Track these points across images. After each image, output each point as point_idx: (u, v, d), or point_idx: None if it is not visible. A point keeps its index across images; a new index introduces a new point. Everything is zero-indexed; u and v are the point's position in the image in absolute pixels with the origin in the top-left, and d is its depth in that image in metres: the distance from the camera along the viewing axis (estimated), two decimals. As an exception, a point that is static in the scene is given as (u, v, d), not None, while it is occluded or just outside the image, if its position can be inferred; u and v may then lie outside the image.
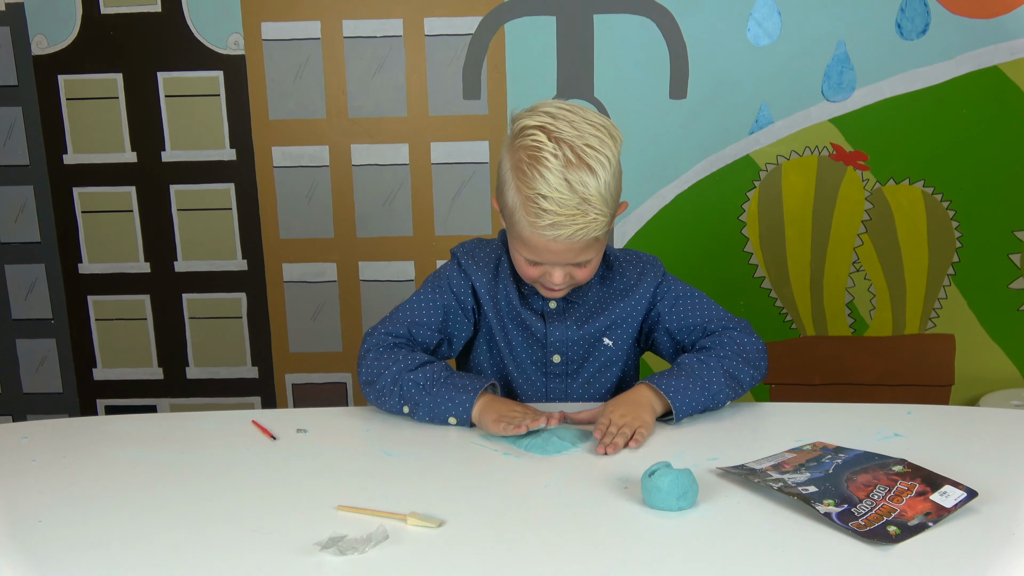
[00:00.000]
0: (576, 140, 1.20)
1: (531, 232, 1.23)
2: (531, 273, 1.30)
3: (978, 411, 1.34)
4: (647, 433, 1.21)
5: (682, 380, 1.27)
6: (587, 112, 1.24)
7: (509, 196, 1.25)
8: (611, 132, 1.24)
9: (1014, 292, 2.25)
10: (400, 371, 1.29)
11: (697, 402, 1.27)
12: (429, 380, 1.28)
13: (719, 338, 1.36)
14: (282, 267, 2.37)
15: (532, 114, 1.25)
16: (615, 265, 1.42)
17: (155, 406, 2.47)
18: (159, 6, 2.21)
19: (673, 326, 1.40)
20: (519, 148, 1.23)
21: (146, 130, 2.30)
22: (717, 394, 1.28)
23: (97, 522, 1.02)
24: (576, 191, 1.19)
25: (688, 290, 1.42)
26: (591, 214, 1.20)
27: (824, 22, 2.14)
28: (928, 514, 0.97)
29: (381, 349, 1.33)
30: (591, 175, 1.19)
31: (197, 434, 1.29)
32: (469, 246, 1.43)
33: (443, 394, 1.26)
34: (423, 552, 0.94)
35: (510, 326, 1.40)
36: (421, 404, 1.27)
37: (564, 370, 1.42)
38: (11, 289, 2.41)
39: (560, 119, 1.22)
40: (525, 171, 1.21)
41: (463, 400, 1.26)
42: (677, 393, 1.26)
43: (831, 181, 2.23)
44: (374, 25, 2.22)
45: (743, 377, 1.32)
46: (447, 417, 1.26)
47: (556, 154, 1.19)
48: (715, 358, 1.31)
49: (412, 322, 1.37)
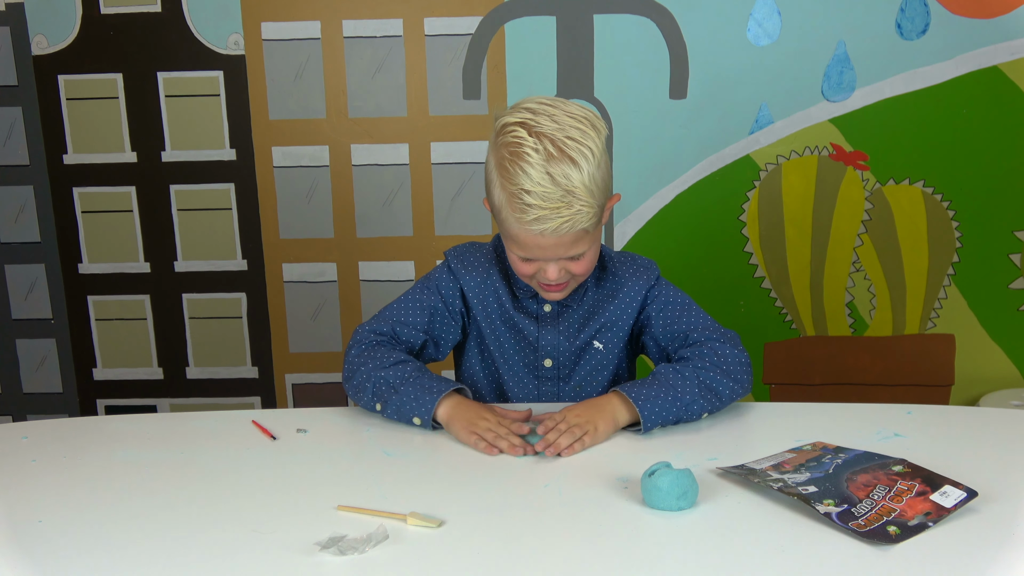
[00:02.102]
0: (557, 133, 1.20)
1: (519, 228, 1.23)
2: (526, 271, 1.30)
3: (978, 411, 1.34)
4: (590, 442, 1.19)
5: (653, 389, 1.24)
6: (568, 105, 1.24)
7: (495, 194, 1.25)
8: (594, 123, 1.23)
9: (1014, 292, 2.25)
10: (374, 368, 1.29)
11: (668, 412, 1.23)
12: (398, 379, 1.27)
13: (699, 348, 1.32)
14: (282, 267, 2.37)
15: (513, 111, 1.25)
16: (610, 267, 1.41)
17: (155, 406, 2.47)
18: (159, 6, 2.21)
19: (658, 331, 1.39)
20: (501, 146, 1.23)
21: (146, 130, 2.30)
22: (690, 405, 1.25)
23: (97, 522, 1.02)
24: (559, 184, 1.19)
25: (679, 296, 1.40)
26: (576, 206, 1.20)
27: (824, 22, 2.14)
28: (928, 514, 0.97)
29: (363, 346, 1.34)
30: (573, 167, 1.19)
31: (197, 434, 1.29)
32: (461, 249, 1.43)
33: (409, 393, 1.26)
34: (423, 552, 0.94)
35: (502, 329, 1.40)
36: (390, 402, 1.27)
37: (555, 374, 1.41)
38: (11, 289, 2.41)
39: (540, 114, 1.22)
40: (508, 168, 1.21)
41: (427, 401, 1.24)
42: (647, 402, 1.23)
43: (831, 181, 2.23)
44: (374, 25, 2.22)
45: (720, 389, 1.28)
46: (411, 417, 1.26)
47: (537, 148, 1.19)
48: (691, 368, 1.28)
49: (397, 321, 1.37)
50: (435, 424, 1.26)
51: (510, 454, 1.17)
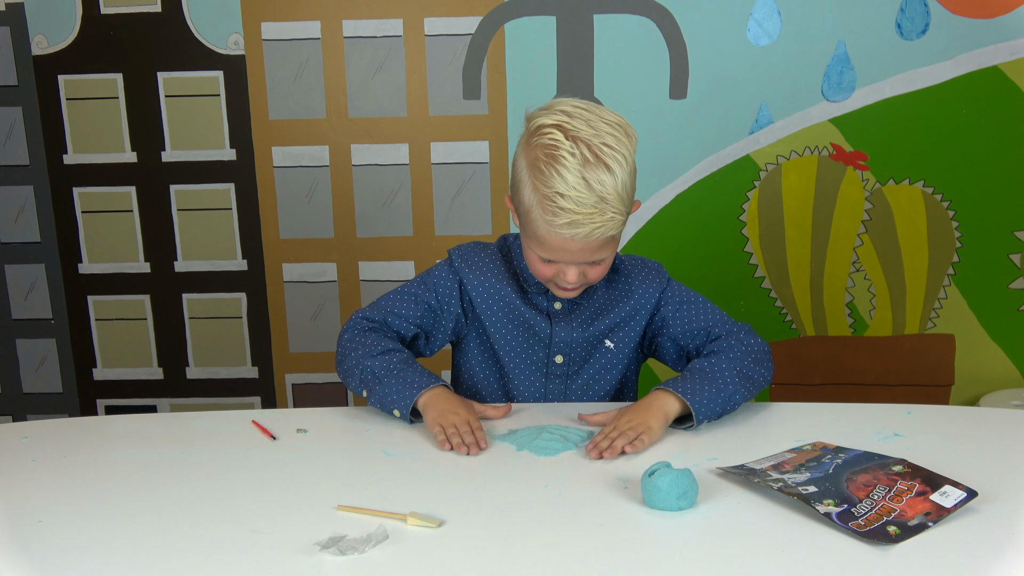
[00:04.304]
0: (593, 139, 1.19)
1: (547, 231, 1.23)
2: (545, 272, 1.30)
3: (978, 411, 1.34)
4: (648, 440, 1.19)
5: (697, 383, 1.26)
6: (603, 111, 1.24)
7: (525, 195, 1.24)
8: (627, 131, 1.23)
9: (1014, 292, 2.25)
10: (362, 356, 1.31)
11: (715, 403, 1.24)
12: (384, 369, 1.29)
13: (726, 341, 1.35)
14: (282, 267, 2.37)
15: (548, 112, 1.24)
16: (620, 268, 1.42)
17: (155, 406, 2.47)
18: (159, 6, 2.21)
19: (677, 331, 1.40)
20: (536, 147, 1.22)
21: (146, 130, 2.30)
22: (733, 395, 1.26)
23: (97, 522, 1.02)
24: (594, 190, 1.19)
25: (692, 295, 1.42)
26: (608, 212, 1.20)
27: (824, 22, 2.14)
28: (928, 514, 0.97)
29: (355, 331, 1.36)
30: (608, 173, 1.19)
31: (197, 434, 1.29)
32: (465, 248, 1.43)
33: (392, 385, 1.28)
34: (423, 552, 0.94)
35: (509, 327, 1.40)
36: (374, 391, 1.29)
37: (565, 371, 1.41)
38: (11, 289, 2.41)
39: (576, 117, 1.21)
40: (542, 169, 1.20)
41: (407, 395, 1.26)
42: (695, 395, 1.24)
43: (831, 181, 2.23)
44: (374, 25, 2.22)
45: (756, 376, 1.31)
46: (392, 408, 1.28)
47: (574, 152, 1.19)
48: (726, 360, 1.30)
49: (389, 311, 1.39)
50: (413, 418, 1.28)
51: (458, 452, 1.19)
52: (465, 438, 1.19)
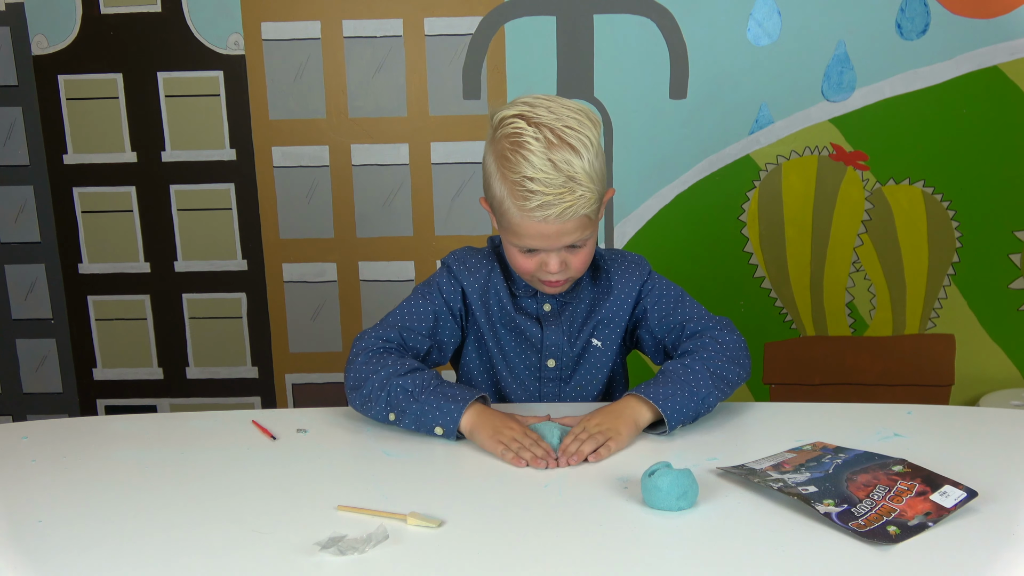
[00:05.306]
0: (555, 123, 1.22)
1: (521, 217, 1.23)
2: (526, 265, 1.29)
3: (978, 411, 1.34)
4: (615, 447, 1.18)
5: (669, 387, 1.24)
6: (563, 99, 1.27)
7: (496, 187, 1.25)
8: (589, 116, 1.25)
9: (1014, 292, 2.25)
10: (388, 376, 1.25)
11: (687, 407, 1.23)
12: (418, 387, 1.23)
13: (700, 339, 1.33)
14: (282, 267, 2.37)
15: (510, 106, 1.27)
16: (602, 265, 1.41)
17: (155, 406, 2.47)
18: (159, 6, 2.21)
19: (654, 323, 1.39)
20: (500, 138, 1.24)
21: (146, 130, 2.30)
22: (706, 397, 1.25)
23: (97, 522, 1.02)
24: (561, 170, 1.20)
25: (671, 288, 1.41)
26: (578, 191, 1.21)
27: (824, 22, 2.14)
28: (928, 514, 0.97)
29: (371, 353, 1.30)
30: (574, 154, 1.20)
31: (197, 434, 1.29)
32: (459, 253, 1.42)
33: (431, 402, 1.22)
34: (423, 552, 0.94)
35: (503, 331, 1.39)
36: (408, 411, 1.23)
37: (558, 375, 1.41)
38: (11, 289, 2.41)
39: (537, 106, 1.24)
40: (509, 157, 1.22)
41: (451, 410, 1.21)
42: (667, 401, 1.22)
43: (831, 181, 2.23)
44: (374, 25, 2.22)
45: (729, 376, 1.29)
46: (433, 427, 1.22)
47: (537, 137, 1.21)
48: (699, 361, 1.28)
49: (403, 327, 1.35)
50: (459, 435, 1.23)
51: (534, 467, 1.14)
52: (535, 451, 1.16)
